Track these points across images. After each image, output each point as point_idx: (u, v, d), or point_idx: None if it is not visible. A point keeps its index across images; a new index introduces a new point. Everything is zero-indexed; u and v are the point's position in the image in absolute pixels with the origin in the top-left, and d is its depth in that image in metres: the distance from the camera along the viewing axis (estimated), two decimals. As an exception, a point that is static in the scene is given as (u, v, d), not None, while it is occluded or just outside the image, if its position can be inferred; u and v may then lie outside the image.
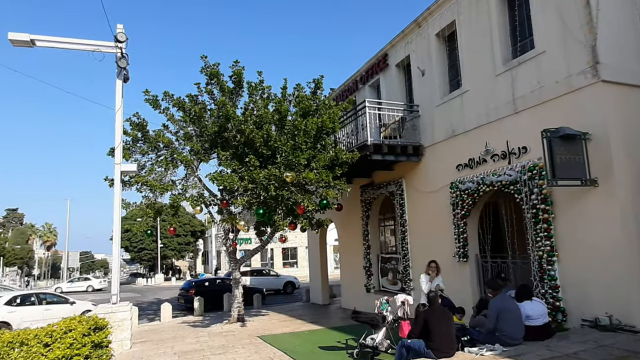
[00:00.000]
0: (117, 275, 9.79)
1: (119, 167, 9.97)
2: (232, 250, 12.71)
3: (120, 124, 10.13)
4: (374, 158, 10.50)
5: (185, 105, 11.51)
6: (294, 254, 43.38)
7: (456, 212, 9.53)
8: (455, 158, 9.71)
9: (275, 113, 9.94)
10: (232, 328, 11.89)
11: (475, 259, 9.35)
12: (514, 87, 8.20)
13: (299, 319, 13.18)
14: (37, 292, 15.34)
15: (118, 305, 9.61)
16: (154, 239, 47.22)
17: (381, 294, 12.95)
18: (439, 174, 10.30)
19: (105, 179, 12.09)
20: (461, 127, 9.57)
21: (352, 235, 14.37)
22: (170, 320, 14.31)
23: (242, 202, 9.26)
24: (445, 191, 9.99)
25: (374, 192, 13.09)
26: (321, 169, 9.87)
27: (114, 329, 9.43)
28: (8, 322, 12.26)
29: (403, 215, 11.63)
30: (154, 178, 11.98)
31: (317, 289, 17.31)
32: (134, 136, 12.41)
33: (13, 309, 12.89)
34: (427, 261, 10.39)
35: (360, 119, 11.40)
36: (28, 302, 13.43)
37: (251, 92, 11.49)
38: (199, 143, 11.85)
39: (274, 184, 8.85)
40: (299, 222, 10.46)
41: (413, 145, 10.83)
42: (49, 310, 13.32)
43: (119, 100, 10.16)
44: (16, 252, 69.43)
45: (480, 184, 8.82)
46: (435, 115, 10.49)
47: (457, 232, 9.50)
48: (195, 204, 10.97)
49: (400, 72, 12.26)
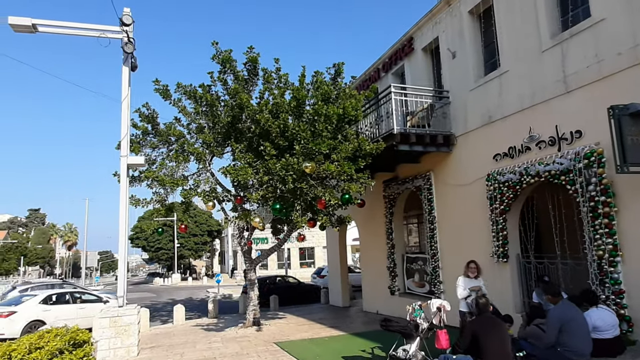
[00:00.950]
0: (124, 275, 9.10)
1: (125, 159, 9.29)
2: (247, 250, 11.94)
3: (126, 113, 9.45)
4: (401, 149, 9.58)
5: (196, 93, 10.78)
6: (311, 254, 42.57)
7: (494, 206, 8.54)
8: (492, 147, 8.72)
9: (293, 100, 9.09)
10: (247, 333, 11.11)
11: (517, 259, 8.35)
12: (564, 63, 7.17)
13: (318, 322, 12.33)
14: (72, 290, 15.16)
15: (125, 308, 8.92)
16: (170, 238, 47.08)
17: (406, 297, 12.04)
18: (472, 165, 9.32)
19: (114, 174, 11.46)
20: (499, 112, 8.57)
21: (375, 234, 13.46)
22: (183, 323, 13.64)
23: (257, 197, 8.45)
24: (481, 184, 9.01)
25: (398, 187, 12.15)
26: (342, 161, 9.00)
27: (120, 334, 8.78)
28: (43, 321, 12.09)
29: (431, 211, 10.66)
30: (164, 173, 11.30)
31: (336, 291, 16.45)
32: (143, 129, 11.75)
33: (48, 308, 12.71)
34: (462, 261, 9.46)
35: (383, 107, 10.49)
36: (63, 301, 13.26)
37: (267, 79, 10.68)
38: (211, 135, 11.13)
39: (292, 175, 8.00)
40: (319, 218, 9.60)
41: (443, 135, 9.86)
42: (83, 308, 13.17)
43: (125, 89, 9.48)
44: (38, 252, 70.59)
45: (524, 175, 7.81)
46: (468, 100, 9.50)
47: (495, 229, 8.51)
48: (207, 199, 10.24)
49: (427, 56, 11.29)
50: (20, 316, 11.81)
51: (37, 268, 75.87)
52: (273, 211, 8.31)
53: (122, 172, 9.34)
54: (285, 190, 8.34)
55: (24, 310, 12.07)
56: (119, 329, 8.79)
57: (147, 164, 12.08)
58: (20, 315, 11.83)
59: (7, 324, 11.59)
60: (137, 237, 47.60)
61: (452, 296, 9.92)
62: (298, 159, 8.09)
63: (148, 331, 12.32)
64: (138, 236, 47.55)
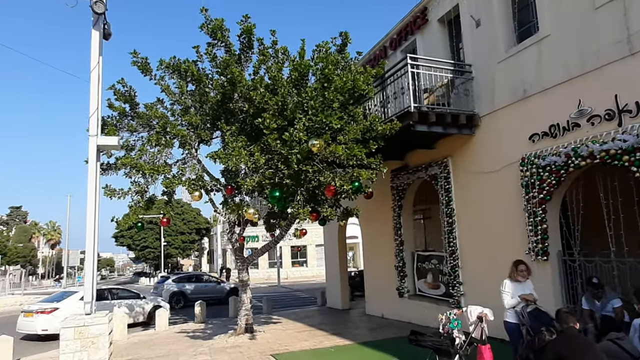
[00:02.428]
0: (93, 277, 7.63)
1: (94, 140, 7.81)
2: (238, 247, 10.56)
3: (96, 86, 7.96)
4: (418, 129, 8.29)
5: (180, 67, 9.34)
6: (304, 253, 41.18)
7: (531, 195, 7.28)
8: (528, 126, 7.46)
9: (294, 72, 7.71)
10: (239, 341, 9.74)
11: (558, 257, 7.10)
12: (628, 19, 5.92)
13: (319, 328, 11.00)
14: (111, 287, 15.49)
15: (93, 316, 7.47)
16: (157, 236, 45.35)
17: (417, 300, 10.77)
18: (501, 148, 8.06)
19: (86, 162, 9.97)
20: (538, 85, 7.31)
21: (380, 230, 12.16)
22: (166, 329, 12.19)
23: (252, 185, 7.06)
24: (512, 170, 7.75)
25: (408, 177, 10.86)
26: (351, 143, 7.66)
27: (87, 347, 7.33)
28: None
29: (449, 203, 9.39)
30: (144, 160, 9.85)
31: (335, 292, 15.14)
32: (120, 110, 10.28)
33: None
34: (486, 259, 8.24)
35: (391, 87, 9.21)
36: (102, 297, 13.15)
37: (262, 52, 9.30)
38: (198, 117, 9.72)
39: (297, 155, 6.61)
40: (323, 210, 8.25)
41: (466, 114, 8.58)
42: (121, 304, 13.35)
43: (95, 57, 7.99)
44: (18, 250, 68.03)
45: (571, 157, 6.55)
46: (496, 74, 8.23)
47: (532, 222, 7.25)
48: (192, 188, 8.83)
49: (443, 28, 10.01)
50: (62, 312, 11.57)
51: (18, 267, 73.14)
52: (271, 200, 6.94)
53: (90, 155, 7.87)
54: (287, 173, 6.96)
55: (66, 307, 11.97)
56: (85, 341, 7.34)
57: (125, 150, 10.65)
58: (62, 311, 11.69)
59: (50, 320, 11.64)
60: (122, 235, 45.75)
61: (474, 299, 8.69)
62: (304, 133, 6.71)
63: (125, 339, 10.87)
64: (123, 234, 45.71)
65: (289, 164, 6.67)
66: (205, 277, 20.08)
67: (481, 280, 8.55)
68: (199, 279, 20.21)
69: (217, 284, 20.68)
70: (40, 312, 11.86)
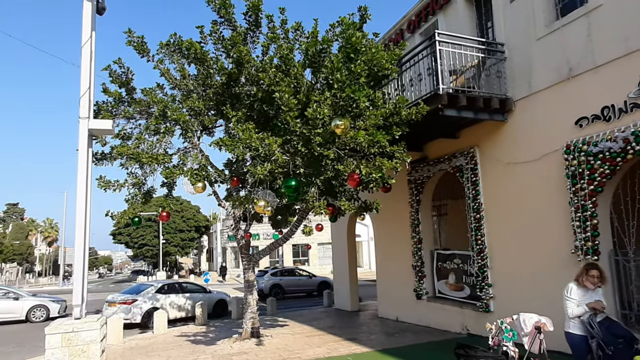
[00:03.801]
0: (83, 277, 6.77)
1: (85, 123, 6.95)
2: (244, 244, 9.73)
3: (88, 63, 7.10)
4: (447, 114, 7.46)
5: (182, 44, 8.49)
6: (305, 251, 40.28)
7: (578, 186, 6.45)
8: (574, 109, 6.64)
9: (311, 46, 6.84)
10: (245, 347, 8.91)
11: (609, 257, 6.28)
12: None
13: (330, 333, 10.17)
14: (180, 281, 17.09)
15: (83, 321, 6.61)
16: (155, 234, 44.46)
17: (436, 302, 9.95)
18: (540, 135, 7.24)
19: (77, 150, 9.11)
20: (587, 62, 6.47)
21: (395, 227, 11.33)
22: (165, 332, 11.36)
23: (263, 172, 6.20)
24: (554, 159, 6.93)
25: (428, 170, 10.02)
26: (372, 129, 6.81)
27: (77, 356, 6.49)
28: (158, 307, 13.12)
29: (477, 197, 8.56)
30: (142, 149, 9.01)
31: (343, 293, 14.31)
32: (116, 95, 9.42)
33: (162, 296, 13.82)
34: (520, 258, 7.42)
35: (414, 69, 8.37)
36: (174, 290, 14.40)
37: (272, 30, 8.45)
38: (201, 102, 8.88)
39: (319, 136, 5.73)
40: (341, 203, 7.40)
41: (499, 98, 7.75)
42: (189, 297, 14.35)
43: (86, 31, 7.13)
44: (15, 248, 67.03)
45: (631, 142, 5.73)
46: (534, 53, 7.40)
47: (580, 217, 6.42)
48: (195, 179, 7.97)
49: (470, 5, 9.17)
50: (141, 303, 13.14)
51: (14, 265, 72.17)
52: (286, 190, 6.08)
53: (81, 142, 7.01)
54: (303, 161, 6.09)
55: (143, 298, 13.32)
56: (74, 349, 6.48)
57: (121, 139, 9.81)
58: (140, 302, 13.16)
59: (130, 311, 12.89)
60: (120, 232, 44.83)
61: (504, 303, 7.88)
62: (329, 109, 5.83)
63: (121, 344, 10.04)
64: (120, 231, 44.78)
65: (311, 145, 5.79)
66: (297, 271, 22.13)
67: (514, 283, 7.74)
68: (292, 273, 21.91)
69: (308, 278, 22.23)
70: (122, 303, 13.03)
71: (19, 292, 16.49)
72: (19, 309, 15.24)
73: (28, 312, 15.30)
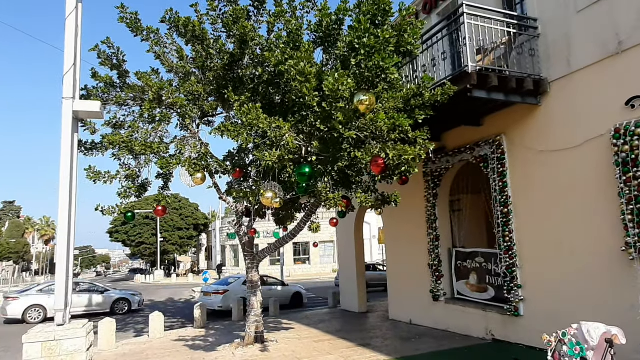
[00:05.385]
0: (66, 278, 5.97)
1: (69, 104, 6.15)
2: (248, 241, 8.94)
3: (72, 37, 6.30)
4: (476, 95, 6.66)
5: (179, 21, 7.67)
6: (306, 250, 39.52)
7: (631, 175, 5.67)
8: (624, 88, 5.86)
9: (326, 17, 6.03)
10: (249, 354, 8.12)
11: (667, 256, 5.51)
12: None
13: (340, 337, 9.40)
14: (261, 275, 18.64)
15: (66, 327, 5.83)
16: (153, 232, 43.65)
17: (455, 304, 9.15)
18: (581, 118, 6.46)
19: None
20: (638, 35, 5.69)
21: (408, 222, 10.55)
22: (161, 336, 10.56)
23: (272, 158, 5.41)
24: (598, 145, 6.15)
25: (447, 161, 9.24)
26: (393, 112, 6.02)
27: (59, 367, 5.71)
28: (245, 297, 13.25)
29: (504, 189, 7.78)
30: (136, 138, 8.19)
31: (350, 293, 13.55)
32: (107, 80, 8.60)
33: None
34: (557, 257, 6.64)
35: (433, 50, 7.59)
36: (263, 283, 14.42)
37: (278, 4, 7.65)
38: (200, 85, 8.08)
39: (341, 110, 4.88)
40: (357, 194, 6.60)
41: (533, 79, 6.96)
42: (271, 290, 15.79)
43: (71, 1, 6.34)
44: (11, 246, 66.16)
45: (699, 122, 4.95)
46: (573, 27, 6.61)
47: (633, 210, 5.64)
48: (194, 169, 7.19)
49: (495, -20, 8.37)
50: (231, 294, 14.67)
51: (10, 263, 71.22)
52: (299, 178, 5.29)
53: (64, 125, 6.20)
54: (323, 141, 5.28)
55: (233, 289, 14.92)
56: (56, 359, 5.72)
57: (113, 127, 9.02)
58: (231, 293, 14.74)
59: (222, 300, 14.60)
60: (117, 230, 43.99)
61: (536, 306, 7.11)
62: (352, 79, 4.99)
63: (113, 349, 9.24)
64: (117, 229, 43.95)
65: (332, 123, 4.97)
66: (379, 267, 22.30)
67: (547, 284, 6.98)
68: (375, 269, 22.03)
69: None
70: (216, 293, 14.90)
71: (104, 286, 17.53)
72: (105, 302, 16.39)
73: (112, 304, 16.49)
